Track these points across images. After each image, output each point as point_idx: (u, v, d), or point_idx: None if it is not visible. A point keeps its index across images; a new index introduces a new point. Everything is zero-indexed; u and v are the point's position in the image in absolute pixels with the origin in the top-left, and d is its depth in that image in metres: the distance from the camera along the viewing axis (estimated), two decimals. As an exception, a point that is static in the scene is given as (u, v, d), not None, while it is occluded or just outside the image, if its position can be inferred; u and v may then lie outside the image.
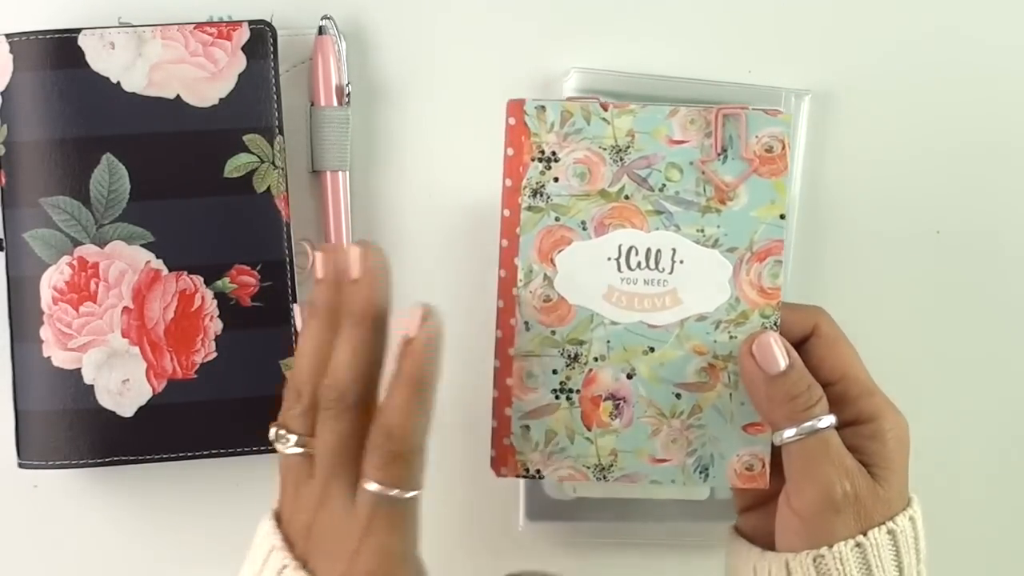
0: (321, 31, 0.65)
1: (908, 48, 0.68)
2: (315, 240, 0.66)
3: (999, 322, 0.69)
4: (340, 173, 0.66)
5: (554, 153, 0.56)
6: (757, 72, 0.67)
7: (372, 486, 0.51)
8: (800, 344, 0.56)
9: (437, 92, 0.67)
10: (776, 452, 0.55)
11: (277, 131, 0.64)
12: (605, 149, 0.55)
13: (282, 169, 0.64)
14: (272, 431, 0.54)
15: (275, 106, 0.63)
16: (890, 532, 0.52)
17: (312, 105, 0.66)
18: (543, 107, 0.56)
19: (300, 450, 0.53)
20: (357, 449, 0.51)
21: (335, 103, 0.65)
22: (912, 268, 0.68)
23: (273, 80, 0.63)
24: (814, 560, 0.52)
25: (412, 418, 0.51)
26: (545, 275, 0.56)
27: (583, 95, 0.56)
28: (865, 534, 0.52)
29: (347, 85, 0.66)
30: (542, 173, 0.56)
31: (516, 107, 0.56)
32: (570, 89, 0.65)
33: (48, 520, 0.67)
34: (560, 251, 0.56)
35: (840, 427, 0.54)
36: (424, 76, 0.67)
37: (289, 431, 0.53)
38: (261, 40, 0.63)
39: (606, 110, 0.55)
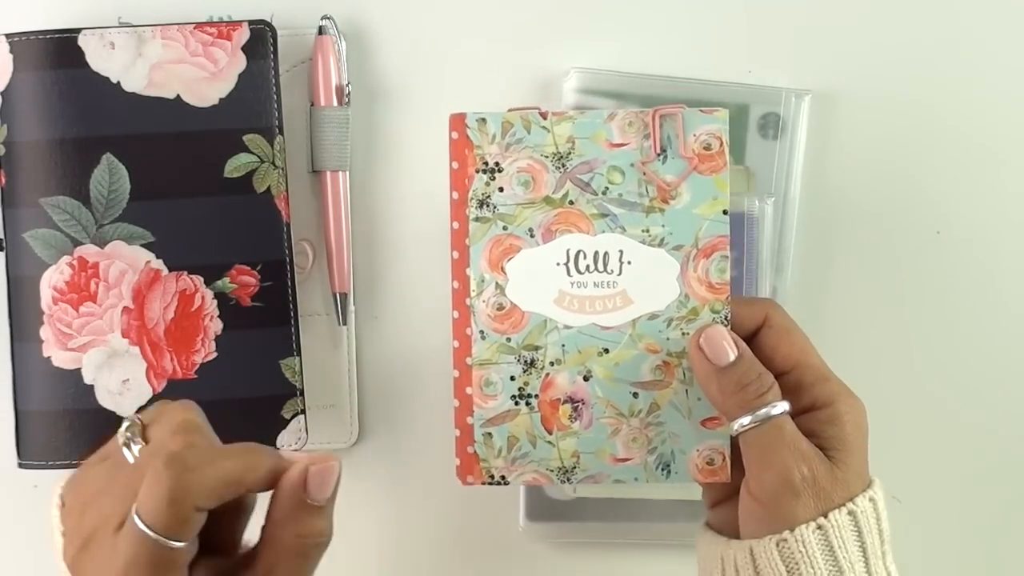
0: (321, 31, 0.65)
1: (908, 48, 0.68)
2: (315, 240, 0.66)
3: (999, 322, 0.69)
4: (340, 173, 0.66)
5: (497, 164, 0.56)
6: (757, 72, 0.67)
7: None
8: (752, 336, 0.56)
9: (437, 92, 0.67)
10: (736, 445, 0.55)
11: (277, 131, 0.64)
12: (547, 157, 0.56)
13: (282, 169, 0.64)
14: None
15: (275, 106, 0.63)
16: (851, 513, 0.53)
17: (312, 105, 0.66)
18: (484, 119, 0.56)
19: None
20: None
21: (335, 103, 0.65)
22: (912, 268, 0.68)
23: (273, 80, 0.63)
24: (777, 544, 0.52)
25: None
26: (497, 284, 0.57)
27: (524, 106, 0.57)
28: (826, 516, 0.52)
29: (347, 85, 0.66)
30: (487, 184, 0.57)
31: (458, 121, 0.57)
32: (570, 89, 0.65)
33: (48, 520, 0.67)
34: (510, 259, 0.57)
35: (797, 414, 0.54)
36: (424, 76, 0.67)
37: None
38: (261, 40, 0.63)
39: (545, 119, 0.56)
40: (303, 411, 0.64)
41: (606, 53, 0.67)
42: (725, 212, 0.56)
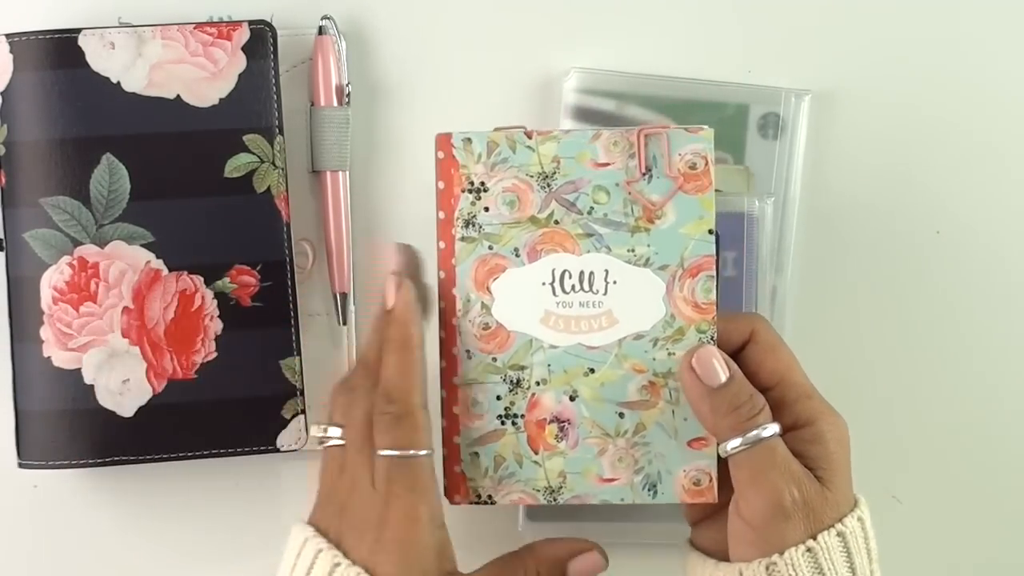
0: (321, 31, 0.65)
1: (908, 48, 0.68)
2: (315, 240, 0.66)
3: (999, 322, 0.69)
4: (340, 173, 0.66)
5: (483, 183, 0.57)
6: (757, 72, 0.67)
7: (383, 452, 0.53)
8: (738, 351, 0.56)
9: (437, 92, 0.67)
10: (723, 464, 0.55)
11: (277, 131, 0.64)
12: (532, 176, 0.56)
13: (282, 169, 0.64)
14: (318, 428, 0.56)
15: (275, 106, 0.63)
16: (839, 534, 0.52)
17: (312, 105, 0.66)
18: (469, 139, 0.57)
19: (341, 441, 0.55)
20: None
21: (335, 103, 0.65)
22: (912, 268, 0.68)
23: (273, 80, 0.63)
24: (767, 568, 0.52)
25: (407, 379, 0.54)
26: (483, 303, 0.57)
27: (509, 126, 0.56)
28: (815, 538, 0.52)
29: (347, 85, 0.66)
30: (473, 204, 0.57)
31: (444, 141, 0.57)
32: (570, 89, 0.65)
33: (48, 520, 0.67)
34: (495, 279, 0.57)
35: (780, 433, 0.54)
36: (424, 76, 0.67)
37: (333, 425, 0.55)
38: (261, 40, 0.63)
39: (530, 138, 0.56)
40: (303, 411, 0.64)
41: (606, 53, 0.67)
42: (711, 232, 0.56)
